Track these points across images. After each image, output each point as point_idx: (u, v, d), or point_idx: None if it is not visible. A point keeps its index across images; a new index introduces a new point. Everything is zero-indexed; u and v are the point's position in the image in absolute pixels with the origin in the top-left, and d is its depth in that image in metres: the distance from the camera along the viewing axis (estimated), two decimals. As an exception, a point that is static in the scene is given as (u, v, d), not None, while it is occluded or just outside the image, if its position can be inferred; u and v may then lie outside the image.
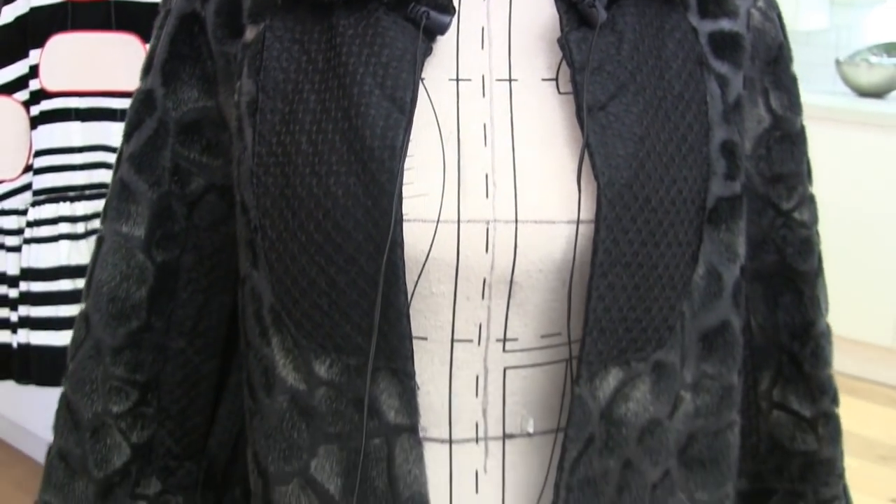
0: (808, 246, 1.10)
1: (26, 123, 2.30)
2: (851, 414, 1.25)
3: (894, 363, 4.54)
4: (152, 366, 1.05)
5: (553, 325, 0.93)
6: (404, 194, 0.88)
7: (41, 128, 2.27)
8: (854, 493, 1.24)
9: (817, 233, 1.11)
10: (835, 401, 1.15)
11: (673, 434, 0.98)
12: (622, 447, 0.93)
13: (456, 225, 0.89)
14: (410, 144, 0.89)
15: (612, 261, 0.88)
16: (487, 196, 0.90)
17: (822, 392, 1.13)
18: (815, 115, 4.46)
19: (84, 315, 1.05)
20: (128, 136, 1.04)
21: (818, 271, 1.11)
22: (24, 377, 2.35)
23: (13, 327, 2.35)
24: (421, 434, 0.91)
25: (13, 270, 2.34)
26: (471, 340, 0.93)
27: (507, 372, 0.94)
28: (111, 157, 2.24)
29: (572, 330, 0.93)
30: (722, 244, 0.97)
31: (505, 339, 0.93)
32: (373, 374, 0.89)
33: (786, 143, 1.08)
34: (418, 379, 0.91)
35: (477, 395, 0.95)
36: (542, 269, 0.91)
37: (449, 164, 0.90)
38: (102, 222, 1.05)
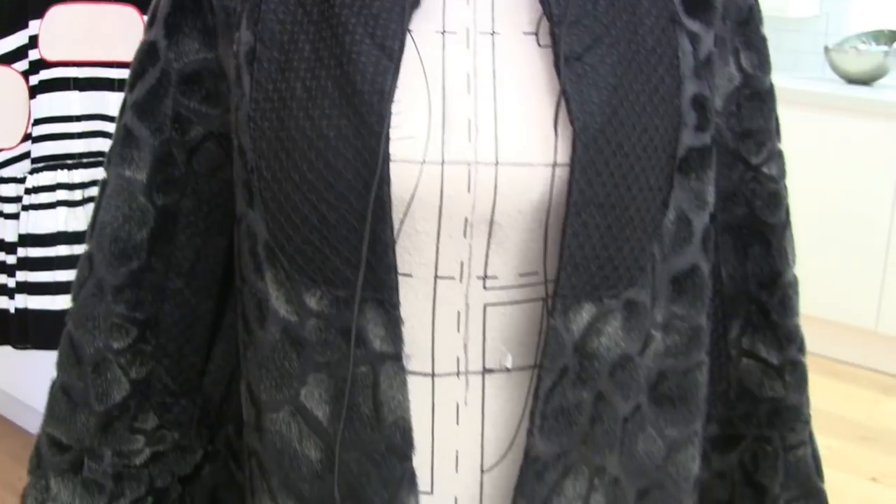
0: (776, 199, 1.15)
1: (25, 93, 2.34)
2: (834, 396, 1.31)
3: (876, 346, 4.61)
4: (151, 305, 1.11)
5: (531, 265, 0.99)
6: (391, 136, 0.94)
7: (40, 97, 2.32)
8: (836, 472, 1.29)
9: (785, 187, 1.16)
10: (801, 349, 1.21)
11: (643, 371, 1.03)
12: (594, 380, 0.98)
13: (440, 166, 0.95)
14: (398, 91, 0.94)
15: (586, 200, 0.94)
16: (470, 140, 0.96)
17: (789, 340, 1.19)
18: (803, 102, 4.53)
19: (88, 255, 1.11)
20: (131, 85, 1.09)
21: (786, 223, 1.17)
22: (21, 342, 2.40)
23: (10, 293, 2.40)
24: (405, 364, 0.96)
25: (11, 237, 2.39)
26: (453, 278, 0.99)
27: (487, 309, 1.00)
28: (109, 126, 2.29)
29: (549, 269, 0.99)
30: (692, 192, 1.03)
31: (485, 277, 0.99)
32: (360, 305, 0.95)
33: (755, 100, 1.13)
34: (403, 314, 0.96)
35: (458, 330, 1.00)
36: (520, 209, 0.96)
37: (434, 109, 0.96)
38: (106, 167, 1.11)
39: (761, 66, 1.14)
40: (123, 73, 2.32)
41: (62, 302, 2.32)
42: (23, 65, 2.34)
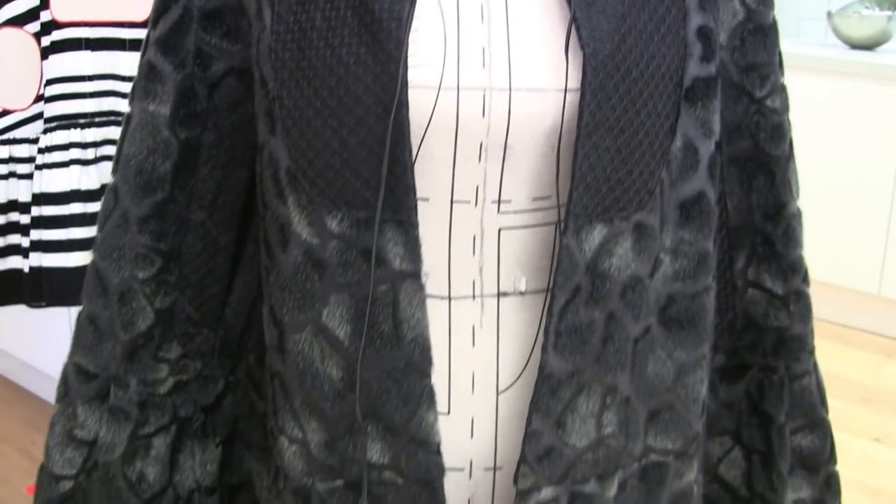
0: (779, 131, 1.18)
1: (37, 54, 2.36)
2: (837, 359, 1.35)
3: (879, 311, 4.64)
4: (175, 236, 1.14)
5: (543, 189, 1.02)
6: (409, 63, 0.97)
7: (52, 57, 2.34)
8: (840, 433, 1.32)
9: (788, 120, 1.19)
10: (805, 280, 1.24)
11: (653, 293, 1.07)
12: (606, 300, 1.02)
13: (455, 92, 0.98)
14: (414, 21, 0.97)
15: (597, 123, 0.97)
16: (484, 66, 0.99)
17: (793, 271, 1.22)
18: (807, 67, 4.54)
19: (113, 188, 1.14)
20: (154, 21, 1.12)
21: (789, 156, 1.20)
22: (35, 299, 2.42)
23: (24, 252, 2.43)
24: (423, 283, 1.00)
25: (25, 197, 2.41)
26: (468, 202, 1.02)
27: (502, 233, 1.03)
28: (120, 86, 2.32)
29: (561, 193, 1.02)
30: (698, 121, 1.06)
31: (500, 201, 1.02)
32: (380, 226, 0.98)
33: (758, 34, 1.16)
34: (420, 238, 1.00)
35: (474, 254, 1.04)
36: (533, 133, 0.99)
37: (449, 37, 0.99)
38: (130, 102, 1.14)
39: (764, 2, 1.17)
40: (135, 33, 2.35)
41: (76, 259, 2.35)
42: (34, 26, 2.36)
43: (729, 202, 1.20)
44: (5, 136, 2.41)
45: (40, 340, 3.89)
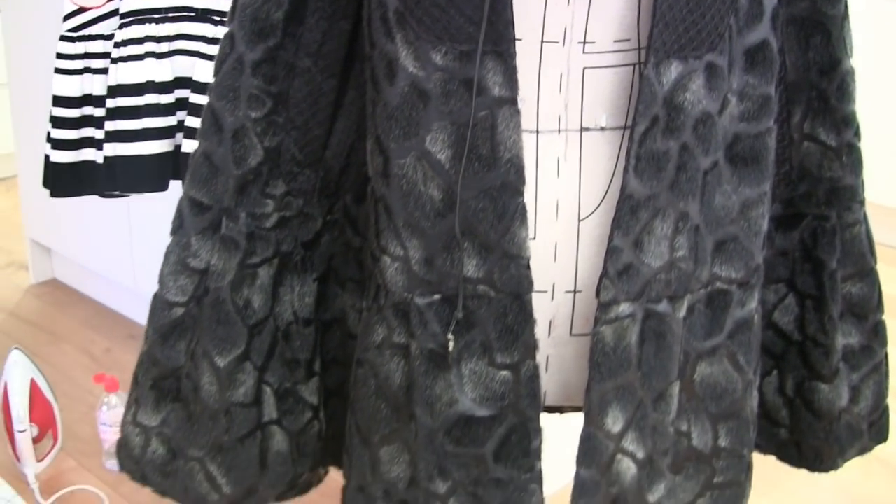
0: None
1: (112, -48, 2.48)
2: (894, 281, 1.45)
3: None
4: (283, 80, 1.25)
5: (625, 31, 1.13)
6: None
7: (127, -45, 2.45)
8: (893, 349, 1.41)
9: None
10: (857, 134, 1.35)
11: (721, 130, 1.17)
12: (680, 131, 1.13)
13: (549, -64, 1.09)
14: None
15: None
16: None
17: (846, 124, 1.32)
18: None
19: (230, 34, 1.25)
20: None
21: (844, 15, 1.30)
22: (109, 188, 2.54)
23: (98, 144, 2.55)
24: (519, 107, 1.11)
25: (99, 91, 2.53)
26: (557, 42, 1.13)
27: (586, 72, 1.14)
28: (193, -19, 2.43)
29: (641, 36, 1.13)
30: None
31: (585, 42, 1.13)
32: (481, 57, 1.09)
33: None
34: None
35: (560, 91, 1.15)
36: (618, -24, 1.10)
37: None
38: None
39: None
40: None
41: (150, 147, 2.47)
42: (109, -76, 2.47)
43: (787, 59, 1.30)
44: (81, 33, 2.52)
45: (95, 246, 4.01)
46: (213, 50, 2.42)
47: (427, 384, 1.18)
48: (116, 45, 2.46)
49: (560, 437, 1.46)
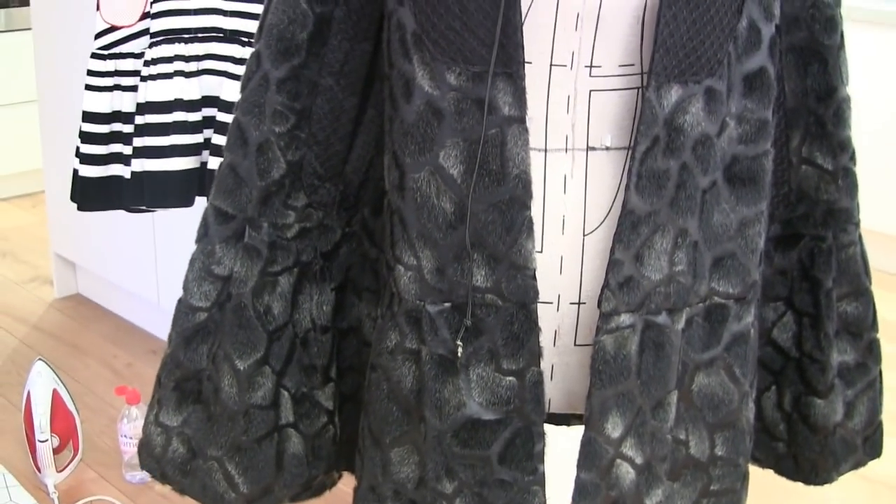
0: (832, 24, 1.36)
1: (144, -27, 2.56)
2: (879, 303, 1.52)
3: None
4: (307, 97, 1.32)
5: (629, 56, 1.19)
6: None
7: (158, -24, 2.54)
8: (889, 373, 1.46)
9: (840, 13, 1.36)
10: (852, 159, 1.41)
11: (720, 151, 1.24)
12: (680, 151, 1.19)
13: (559, -33, 1.16)
14: None
15: None
16: None
17: (842, 149, 1.39)
18: (855, 18, 4.59)
19: (256, 53, 1.32)
20: None
21: (840, 45, 1.37)
22: (135, 202, 2.61)
23: (126, 160, 2.62)
24: (527, 126, 1.18)
25: (128, 108, 2.61)
26: (565, 65, 1.20)
27: (592, 94, 1.21)
28: (221, 3, 2.50)
29: (644, 61, 1.19)
30: (761, 5, 1.23)
31: (591, 66, 1.20)
32: (492, 78, 1.16)
33: None
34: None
35: (567, 112, 1.21)
36: (622, 6, 1.17)
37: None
38: None
39: None
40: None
41: (178, 163, 2.54)
42: (142, -53, 2.55)
43: (787, 86, 1.37)
44: (112, 51, 2.60)
45: (120, 261, 4.08)
46: (241, 70, 2.49)
47: (436, 388, 1.25)
48: (146, 64, 2.54)
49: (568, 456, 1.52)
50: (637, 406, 1.24)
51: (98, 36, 2.58)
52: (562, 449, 1.37)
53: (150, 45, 2.54)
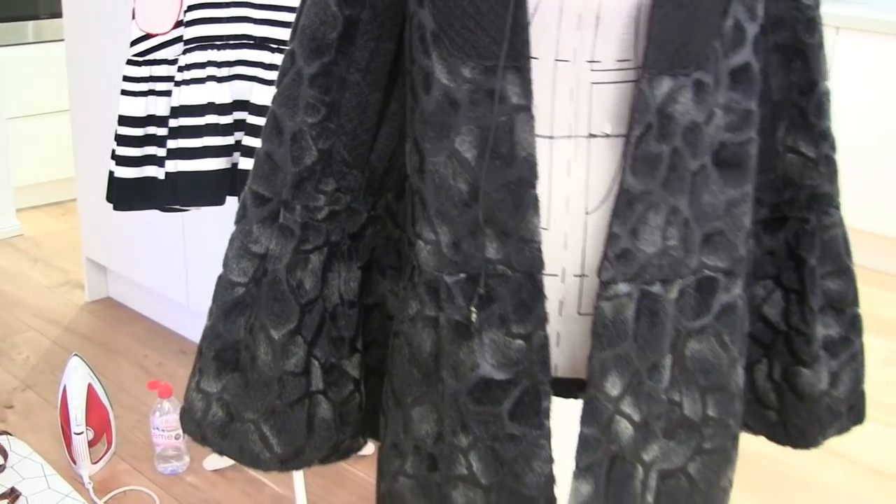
0: (812, 24, 1.49)
1: (178, -17, 2.70)
2: (880, 303, 1.64)
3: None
4: (336, 92, 1.46)
5: (625, 52, 1.33)
6: None
7: (192, -15, 2.68)
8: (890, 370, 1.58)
9: (819, 14, 1.50)
10: (833, 147, 1.55)
11: (708, 137, 1.37)
12: (672, 136, 1.33)
13: (562, -28, 1.30)
14: None
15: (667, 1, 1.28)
16: None
17: (823, 138, 1.53)
18: (846, 27, 4.70)
19: (291, 51, 1.47)
20: None
21: (820, 44, 1.50)
22: (170, 202, 2.74)
23: (160, 161, 2.76)
24: (533, 114, 1.31)
25: (163, 112, 2.74)
26: (568, 61, 1.33)
27: (593, 87, 1.34)
28: (252, 12, 2.64)
29: (638, 56, 1.33)
30: (745, 6, 1.37)
31: (592, 61, 1.33)
32: (502, 72, 1.30)
33: None
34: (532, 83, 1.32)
35: (571, 102, 1.35)
36: (619, 6, 1.30)
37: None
38: None
39: None
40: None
41: (211, 164, 2.68)
42: (176, -42, 2.69)
43: (772, 81, 1.50)
44: (147, 58, 2.74)
45: (150, 265, 4.21)
46: (270, 75, 2.63)
47: (453, 351, 1.39)
48: (180, 69, 2.68)
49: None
50: (634, 367, 1.37)
51: (134, 43, 2.72)
52: (571, 419, 1.50)
53: (184, 52, 2.68)
